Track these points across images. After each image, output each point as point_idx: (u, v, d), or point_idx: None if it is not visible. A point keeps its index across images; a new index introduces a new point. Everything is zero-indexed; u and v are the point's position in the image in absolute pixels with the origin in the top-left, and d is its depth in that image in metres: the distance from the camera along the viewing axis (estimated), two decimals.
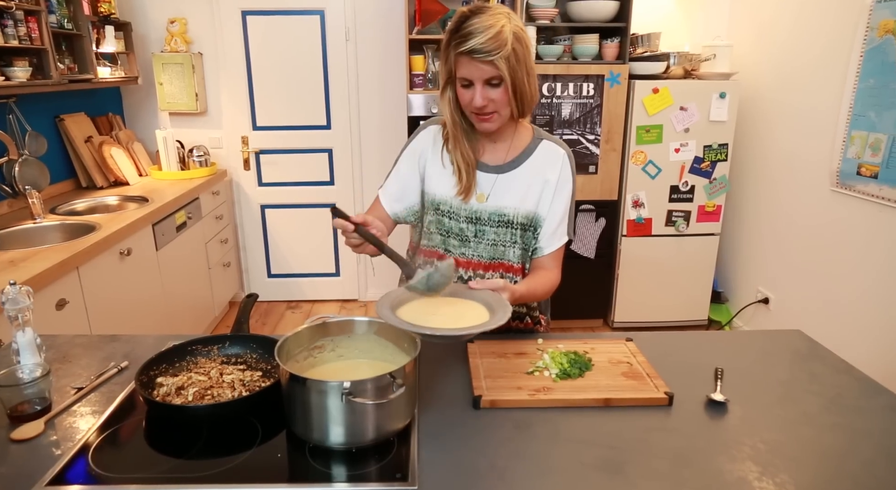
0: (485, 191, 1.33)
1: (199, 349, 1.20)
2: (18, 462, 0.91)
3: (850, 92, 2.49)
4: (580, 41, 3.10)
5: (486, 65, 1.15)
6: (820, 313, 2.76)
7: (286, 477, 0.91)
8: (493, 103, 1.20)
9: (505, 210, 1.33)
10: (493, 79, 1.17)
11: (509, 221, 1.33)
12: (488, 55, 1.13)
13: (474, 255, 1.37)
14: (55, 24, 2.64)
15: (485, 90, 1.19)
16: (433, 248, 1.39)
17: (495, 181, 1.33)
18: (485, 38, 1.13)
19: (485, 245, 1.35)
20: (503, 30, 1.15)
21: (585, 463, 0.90)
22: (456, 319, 1.00)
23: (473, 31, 1.14)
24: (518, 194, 1.33)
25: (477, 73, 1.17)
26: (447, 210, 1.34)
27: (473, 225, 1.34)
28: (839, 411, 1.06)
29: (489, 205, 1.33)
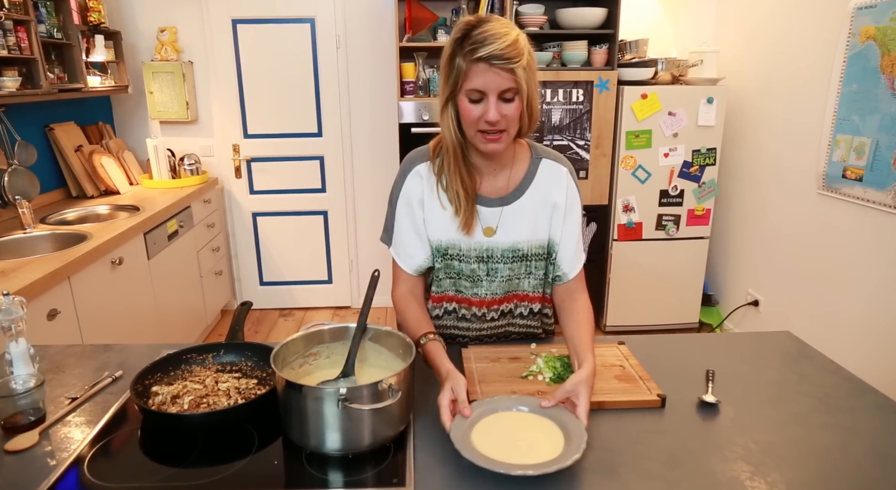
0: (492, 224, 1.23)
1: (194, 357, 1.20)
2: (13, 473, 0.91)
3: (834, 96, 2.53)
4: (569, 48, 3.14)
5: (505, 73, 1.04)
6: (809, 315, 2.80)
7: (283, 483, 0.92)
8: (505, 120, 1.09)
9: (519, 245, 1.24)
10: (509, 91, 1.07)
11: (524, 255, 1.25)
12: (508, 62, 1.03)
13: (487, 294, 1.29)
14: (45, 34, 2.63)
15: (499, 104, 1.07)
16: (442, 292, 1.30)
17: (501, 214, 1.23)
18: (504, 44, 1.03)
19: (498, 282, 1.27)
20: (519, 38, 1.06)
21: (580, 465, 0.90)
22: (536, 447, 0.93)
23: (489, 37, 1.03)
24: (529, 225, 1.24)
25: (493, 84, 1.05)
26: (456, 253, 1.25)
27: (485, 264, 1.25)
28: (829, 411, 1.08)
29: (501, 240, 1.23)
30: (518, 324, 1.37)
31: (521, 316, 1.35)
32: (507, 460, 0.89)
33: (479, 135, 1.12)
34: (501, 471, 0.86)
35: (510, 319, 1.35)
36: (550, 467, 0.86)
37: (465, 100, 1.09)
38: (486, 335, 1.37)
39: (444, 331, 1.35)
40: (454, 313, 1.33)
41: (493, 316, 1.33)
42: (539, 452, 0.92)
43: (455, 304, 1.32)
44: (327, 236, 3.86)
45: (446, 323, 1.35)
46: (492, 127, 1.09)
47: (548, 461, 0.89)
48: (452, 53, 1.09)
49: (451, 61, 1.09)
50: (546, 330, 1.42)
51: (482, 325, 1.34)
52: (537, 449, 0.93)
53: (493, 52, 1.03)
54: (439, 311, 1.34)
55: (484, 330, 1.36)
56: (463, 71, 1.07)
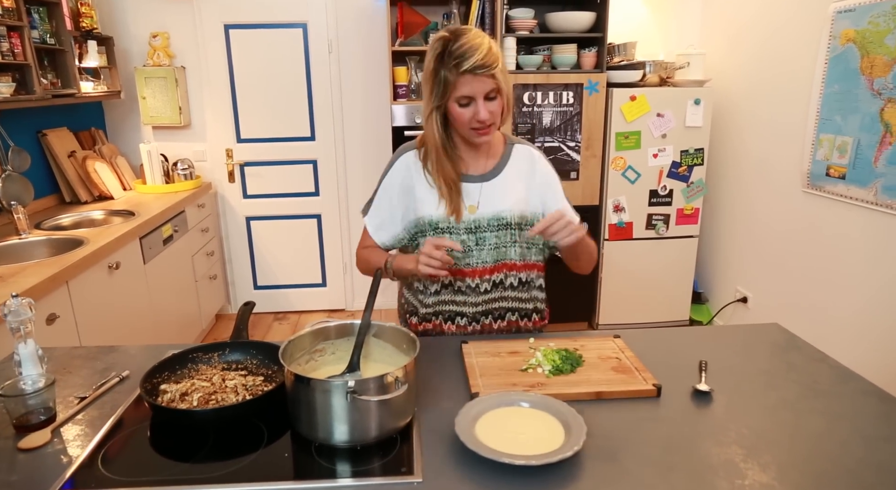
0: (473, 201, 1.38)
1: (200, 356, 1.23)
2: (28, 470, 0.93)
3: (816, 97, 2.60)
4: (559, 51, 3.19)
5: (487, 78, 1.22)
6: (796, 310, 2.86)
7: (294, 475, 0.94)
8: (492, 115, 1.27)
9: (502, 213, 1.39)
10: (492, 92, 1.25)
11: (508, 223, 1.39)
12: (489, 69, 1.21)
13: (478, 263, 1.41)
14: (38, 40, 2.64)
15: (486, 104, 1.25)
16: None
17: (481, 189, 1.39)
18: (483, 54, 1.20)
19: (487, 250, 1.39)
20: (491, 45, 1.24)
21: (581, 452, 0.94)
22: (538, 440, 0.96)
23: (470, 50, 1.20)
24: (509, 197, 1.39)
25: (480, 89, 1.23)
26: (446, 227, 1.38)
27: (473, 234, 1.38)
28: (816, 397, 1.13)
29: (484, 212, 1.38)
30: (510, 297, 1.46)
31: (512, 287, 1.45)
32: (511, 452, 0.92)
33: (472, 132, 1.30)
34: (506, 461, 0.89)
35: (502, 291, 1.45)
36: (553, 457, 0.90)
37: (456, 106, 1.26)
38: (482, 312, 1.44)
39: (443, 307, 1.44)
40: (450, 286, 1.42)
41: (485, 287, 1.42)
42: (541, 444, 0.95)
43: (450, 277, 1.41)
44: (321, 239, 3.88)
45: (445, 298, 1.44)
46: (482, 124, 1.27)
47: (550, 451, 0.92)
48: (436, 68, 1.25)
49: (435, 75, 1.25)
50: (538, 309, 1.52)
51: (477, 299, 1.43)
52: (539, 441, 0.96)
53: (476, 63, 1.20)
54: (437, 285, 1.43)
55: (479, 305, 1.43)
56: (451, 82, 1.23)
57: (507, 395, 1.08)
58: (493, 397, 1.07)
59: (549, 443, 0.95)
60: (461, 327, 1.45)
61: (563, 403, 1.04)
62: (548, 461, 0.89)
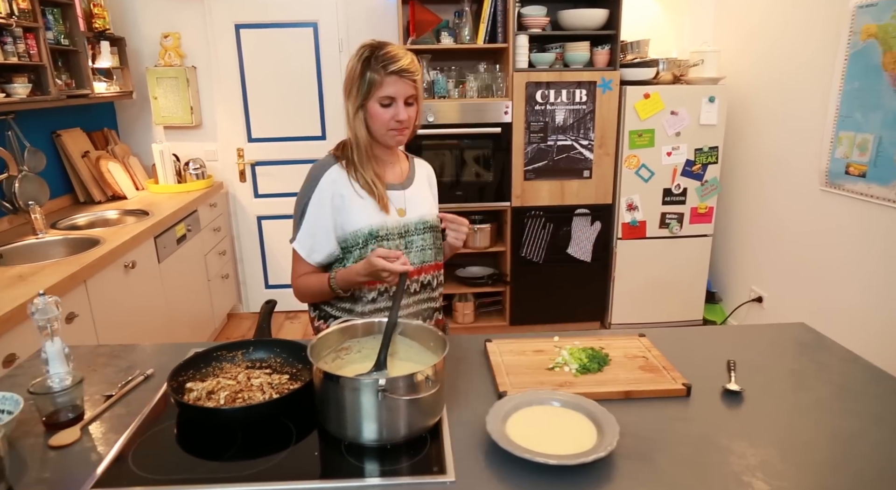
0: (401, 205, 1.45)
1: (224, 355, 1.22)
2: (61, 467, 0.92)
3: (836, 94, 2.57)
4: (572, 49, 3.17)
5: (410, 83, 1.32)
6: (813, 310, 2.83)
7: (322, 474, 0.93)
8: (408, 120, 1.37)
9: (426, 217, 1.47)
10: (410, 98, 1.34)
11: (431, 226, 1.47)
12: (413, 75, 1.32)
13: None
14: (52, 41, 2.64)
15: (406, 108, 1.34)
16: None
17: (405, 196, 1.47)
18: (409, 59, 1.32)
19: (414, 252, 1.44)
20: (415, 57, 1.35)
21: (614, 452, 0.93)
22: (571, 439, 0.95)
23: (398, 54, 1.30)
24: (426, 202, 1.50)
25: (402, 91, 1.32)
26: (384, 234, 1.40)
27: (404, 238, 1.44)
28: (849, 397, 1.11)
29: (412, 216, 1.45)
30: (433, 297, 1.51)
31: (431, 287, 1.50)
32: (543, 451, 0.91)
33: (389, 132, 1.37)
34: (540, 460, 0.88)
35: (429, 292, 1.49)
36: (587, 457, 0.89)
37: (377, 105, 1.34)
38: (413, 313, 1.47)
39: (380, 315, 1.41)
40: (386, 293, 1.44)
41: (415, 288, 1.46)
42: (573, 444, 0.94)
43: (385, 284, 1.43)
44: None
45: (380, 306, 1.44)
46: (400, 125, 1.36)
47: (584, 451, 0.91)
48: (362, 70, 1.32)
49: (361, 76, 1.33)
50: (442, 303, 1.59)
51: (408, 300, 1.45)
52: (571, 440, 0.95)
53: (402, 66, 1.30)
54: (374, 293, 1.43)
55: (411, 305, 1.46)
56: (377, 82, 1.31)
57: (537, 393, 1.07)
58: (524, 396, 1.06)
59: (581, 442, 0.94)
60: None
61: (594, 402, 1.03)
62: (582, 461, 0.88)
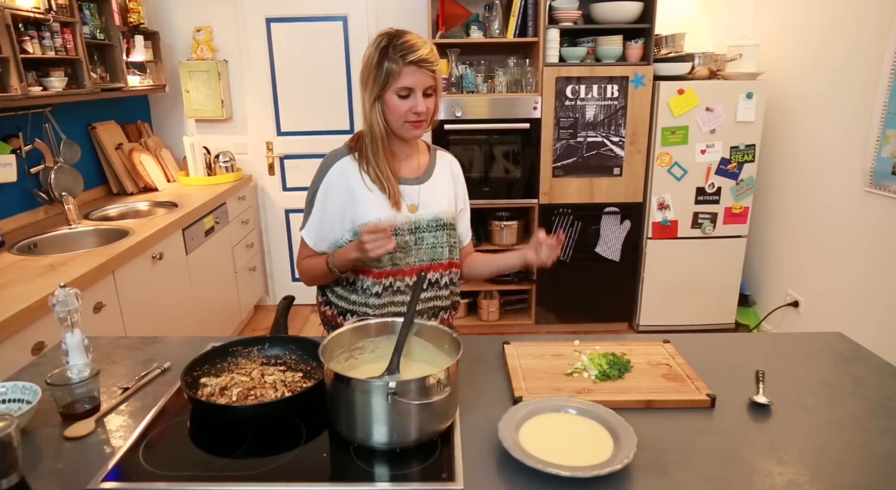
0: (413, 201, 1.41)
1: (240, 350, 1.22)
2: (74, 459, 0.93)
3: (884, 89, 2.45)
4: (604, 43, 3.10)
5: (429, 73, 1.29)
6: (852, 318, 2.71)
7: (331, 476, 0.92)
8: (427, 112, 1.33)
9: (440, 214, 1.43)
10: (429, 89, 1.31)
11: (444, 224, 1.44)
12: (432, 65, 1.29)
13: (416, 261, 1.43)
14: (88, 35, 2.70)
15: (424, 99, 1.31)
16: (382, 267, 1.41)
17: (419, 191, 1.42)
18: (427, 50, 1.28)
19: (424, 249, 1.42)
20: (434, 47, 1.31)
21: (631, 464, 0.89)
22: (585, 450, 0.92)
23: (416, 44, 1.27)
24: (443, 198, 1.45)
25: (421, 82, 1.28)
26: (393, 229, 1.35)
27: (413, 234, 1.41)
28: (888, 414, 1.05)
29: (424, 213, 1.42)
30: (441, 296, 1.48)
31: (439, 285, 1.46)
32: (556, 461, 0.88)
33: (406, 125, 1.33)
34: (552, 472, 0.85)
35: (436, 291, 1.46)
36: (602, 470, 0.85)
37: (395, 97, 1.30)
38: (419, 310, 1.44)
39: (383, 310, 1.44)
40: (391, 288, 1.42)
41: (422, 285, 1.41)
42: (588, 454, 0.91)
43: (391, 278, 1.42)
44: None
45: (385, 300, 1.43)
46: (418, 118, 1.32)
47: (599, 463, 0.87)
48: (380, 60, 1.29)
49: (379, 66, 1.29)
50: (454, 302, 1.54)
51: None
52: (586, 451, 0.92)
53: (421, 56, 1.26)
54: (379, 288, 1.42)
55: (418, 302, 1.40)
56: (394, 72, 1.27)
57: (552, 400, 1.03)
58: (539, 402, 1.03)
59: (596, 453, 0.91)
60: None
61: (611, 411, 0.99)
62: (597, 473, 0.85)
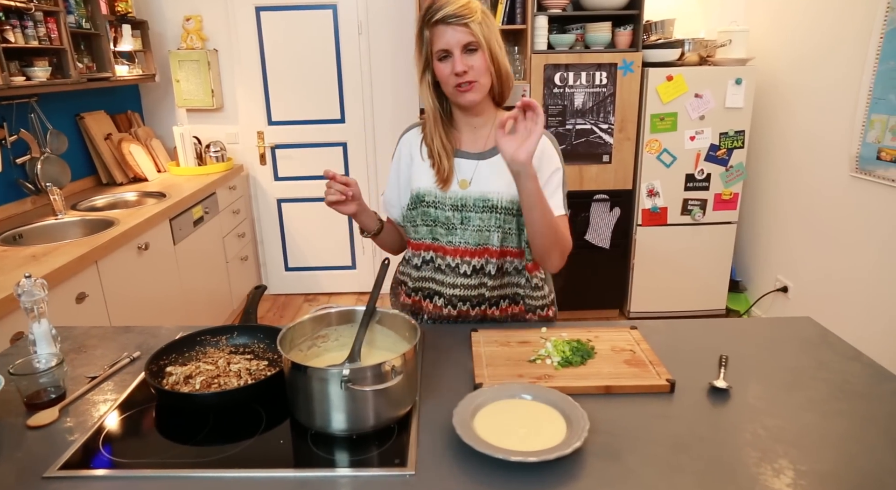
0: (466, 177, 1.34)
1: (208, 339, 1.23)
2: (34, 447, 0.95)
3: (869, 75, 2.43)
4: (592, 29, 3.07)
5: (461, 28, 1.20)
6: (840, 301, 2.71)
7: (290, 463, 0.93)
8: (472, 71, 1.22)
9: (489, 195, 1.33)
10: (471, 44, 1.21)
11: (493, 206, 1.33)
12: (462, 19, 1.19)
13: (461, 242, 1.36)
14: (73, 24, 2.69)
15: (463, 57, 1.22)
16: (420, 239, 1.41)
17: (476, 167, 1.34)
18: (457, 5, 1.20)
19: (471, 231, 1.35)
20: (472, 1, 1.23)
21: (583, 449, 0.90)
22: (538, 435, 0.93)
23: (444, 4, 1.21)
24: (502, 179, 1.30)
25: (454, 39, 1.20)
26: (432, 200, 1.37)
27: (459, 212, 1.35)
28: (845, 397, 1.05)
29: (473, 191, 1.34)
30: (489, 285, 1.38)
31: (490, 275, 1.37)
32: (508, 447, 0.89)
33: (455, 90, 1.26)
34: (501, 456, 0.86)
35: (482, 278, 1.37)
36: (550, 454, 0.86)
37: (437, 63, 1.25)
38: (459, 296, 1.39)
39: (424, 284, 1.43)
40: (431, 263, 1.41)
41: (465, 269, 1.37)
42: (541, 439, 0.91)
43: (432, 253, 1.40)
44: (351, 222, 3.89)
45: (425, 274, 1.42)
46: (460, 79, 1.22)
47: (548, 448, 0.88)
48: (420, 28, 1.25)
49: (420, 35, 1.26)
50: (517, 296, 1.41)
51: (456, 280, 1.38)
52: (539, 436, 0.93)
53: (447, 12, 1.19)
54: (418, 260, 1.42)
55: (458, 287, 1.38)
56: (429, 38, 1.24)
57: (508, 386, 1.04)
58: (495, 389, 1.04)
59: (549, 438, 0.92)
60: (437, 308, 1.42)
61: (566, 397, 1.00)
62: (545, 458, 0.86)
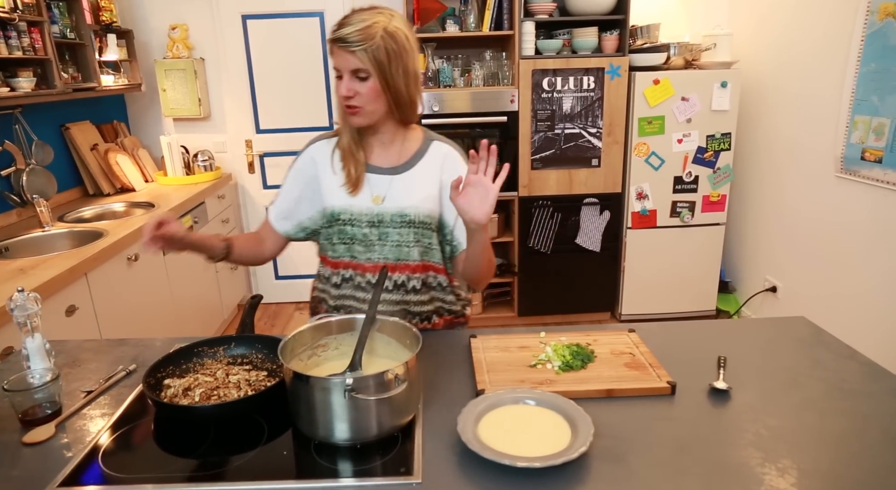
0: (380, 193, 1.32)
1: (206, 351, 1.22)
2: (31, 465, 0.93)
3: (851, 77, 2.47)
4: (579, 35, 3.10)
5: (350, 55, 1.17)
6: (829, 300, 2.75)
7: (293, 474, 0.92)
8: (359, 97, 1.21)
9: (406, 210, 1.32)
10: (360, 71, 1.18)
11: (411, 221, 1.33)
12: (351, 46, 1.16)
13: (379, 258, 1.35)
14: (58, 34, 2.66)
15: (352, 82, 1.20)
16: (338, 258, 1.38)
17: (391, 182, 1.33)
18: (353, 29, 1.16)
19: (389, 247, 1.34)
20: (374, 25, 1.17)
21: (588, 453, 0.90)
22: (543, 440, 0.93)
23: (346, 24, 1.18)
24: (417, 194, 1.32)
25: (344, 63, 1.19)
26: (348, 218, 1.33)
27: (376, 228, 1.33)
28: (843, 396, 1.06)
29: (390, 206, 1.32)
30: (411, 301, 1.38)
31: (415, 290, 1.37)
32: (514, 452, 0.89)
33: (344, 108, 1.25)
34: (507, 462, 0.86)
35: (403, 294, 1.37)
36: (556, 460, 0.86)
37: (336, 79, 1.24)
38: (381, 311, 1.32)
39: (344, 302, 1.40)
40: (351, 281, 1.38)
41: (386, 285, 1.35)
42: (546, 444, 0.91)
43: (351, 271, 1.37)
44: None
45: (345, 292, 1.39)
46: (347, 101, 1.22)
47: (554, 453, 0.88)
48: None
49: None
50: (442, 310, 1.43)
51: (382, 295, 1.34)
52: (545, 441, 0.93)
53: (339, 35, 1.17)
54: (337, 278, 1.39)
55: (382, 303, 1.33)
56: (329, 52, 1.22)
57: (512, 392, 1.04)
58: (498, 395, 1.04)
59: (555, 443, 0.92)
60: None
61: (570, 402, 1.00)
62: (551, 463, 0.86)
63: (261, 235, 1.46)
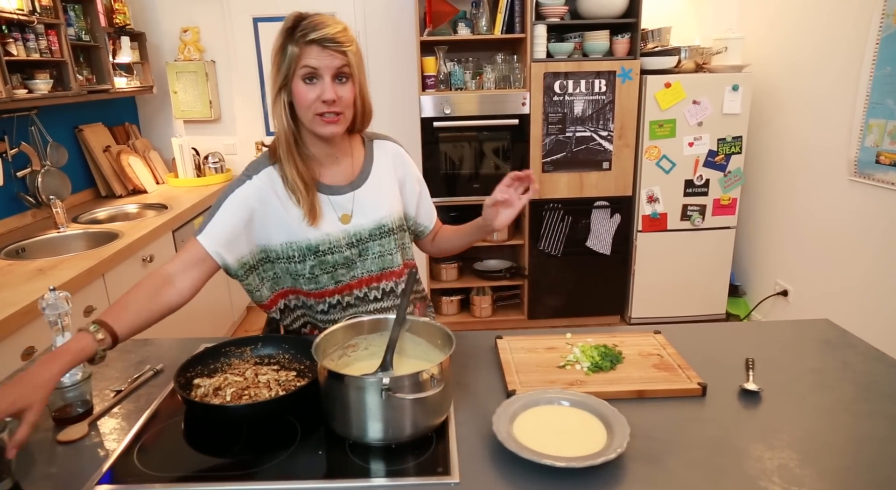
0: (346, 211, 1.26)
1: (233, 351, 1.22)
2: (67, 463, 0.93)
3: (866, 80, 2.47)
4: (591, 38, 3.11)
5: (338, 54, 1.11)
6: (840, 305, 2.74)
7: (327, 473, 0.92)
8: (341, 102, 1.14)
9: (383, 220, 1.29)
10: (343, 72, 1.12)
11: (390, 229, 1.31)
12: (340, 45, 1.10)
13: (364, 273, 1.31)
14: (73, 37, 2.68)
15: (334, 85, 1.13)
16: (322, 288, 1.30)
17: (353, 199, 1.27)
18: (336, 29, 1.11)
19: (371, 259, 1.30)
20: (348, 28, 1.15)
21: (624, 454, 0.90)
22: (579, 441, 0.92)
23: (323, 23, 1.11)
24: (386, 201, 1.30)
25: (327, 63, 1.10)
26: (327, 248, 1.25)
27: (356, 248, 1.28)
28: (876, 398, 1.06)
29: (364, 222, 1.27)
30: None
31: (395, 294, 1.35)
32: (550, 453, 0.89)
33: (316, 118, 1.15)
34: (547, 463, 0.86)
35: (394, 299, 1.35)
36: (595, 460, 0.86)
37: (300, 83, 1.12)
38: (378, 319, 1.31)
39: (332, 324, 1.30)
40: (339, 305, 1.32)
41: (375, 295, 1.33)
42: (582, 445, 0.91)
43: (338, 296, 1.32)
44: None
45: (333, 317, 1.33)
46: (328, 108, 1.13)
47: (592, 453, 0.88)
48: (284, 43, 1.12)
49: (282, 50, 1.13)
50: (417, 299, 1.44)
51: (369, 306, 1.34)
52: (580, 441, 0.92)
53: (325, 34, 1.09)
54: (324, 306, 1.32)
55: (373, 312, 1.33)
56: (296, 55, 1.11)
57: (545, 392, 1.04)
58: (532, 395, 1.04)
59: (590, 443, 0.92)
60: None
61: (604, 402, 1.00)
62: (591, 463, 0.86)
63: (167, 274, 1.18)
